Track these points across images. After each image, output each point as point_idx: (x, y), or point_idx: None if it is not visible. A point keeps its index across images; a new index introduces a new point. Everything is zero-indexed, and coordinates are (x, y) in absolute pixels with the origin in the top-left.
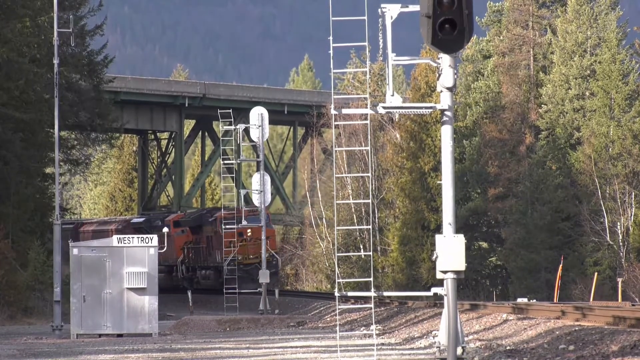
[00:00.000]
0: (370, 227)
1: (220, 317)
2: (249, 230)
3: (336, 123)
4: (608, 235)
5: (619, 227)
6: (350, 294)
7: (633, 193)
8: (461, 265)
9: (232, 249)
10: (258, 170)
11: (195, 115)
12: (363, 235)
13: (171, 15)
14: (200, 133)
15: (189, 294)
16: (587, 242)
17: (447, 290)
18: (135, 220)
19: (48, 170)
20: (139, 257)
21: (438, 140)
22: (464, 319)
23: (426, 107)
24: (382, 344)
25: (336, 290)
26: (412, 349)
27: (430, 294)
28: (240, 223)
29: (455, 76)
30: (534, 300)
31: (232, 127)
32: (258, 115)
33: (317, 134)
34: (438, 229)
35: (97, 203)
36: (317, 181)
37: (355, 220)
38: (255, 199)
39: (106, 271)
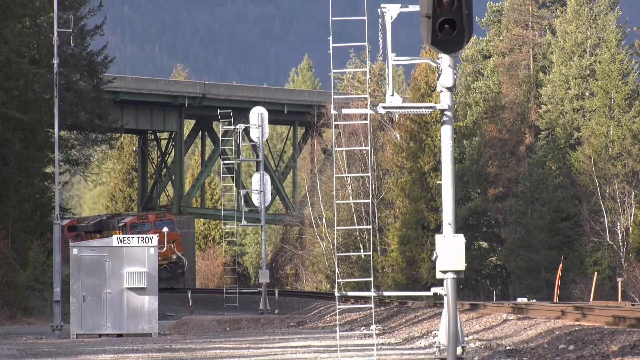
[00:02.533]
0: (370, 227)
1: (220, 317)
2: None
3: (336, 123)
4: (608, 235)
5: (618, 227)
6: (350, 293)
7: (633, 193)
8: (461, 265)
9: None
10: (258, 170)
11: (195, 115)
12: (363, 235)
13: (171, 15)
14: (200, 133)
15: (189, 294)
16: (587, 242)
17: (447, 290)
18: None
19: (48, 170)
20: (138, 256)
21: (438, 140)
22: (464, 319)
23: (426, 107)
24: (382, 344)
25: (336, 290)
26: (412, 348)
27: (430, 294)
28: (151, 228)
29: (455, 76)
30: (534, 300)
31: (232, 127)
32: (258, 115)
33: (317, 133)
34: (438, 229)
35: (97, 203)
36: (317, 181)
37: (355, 220)
38: (255, 199)
39: (106, 271)
